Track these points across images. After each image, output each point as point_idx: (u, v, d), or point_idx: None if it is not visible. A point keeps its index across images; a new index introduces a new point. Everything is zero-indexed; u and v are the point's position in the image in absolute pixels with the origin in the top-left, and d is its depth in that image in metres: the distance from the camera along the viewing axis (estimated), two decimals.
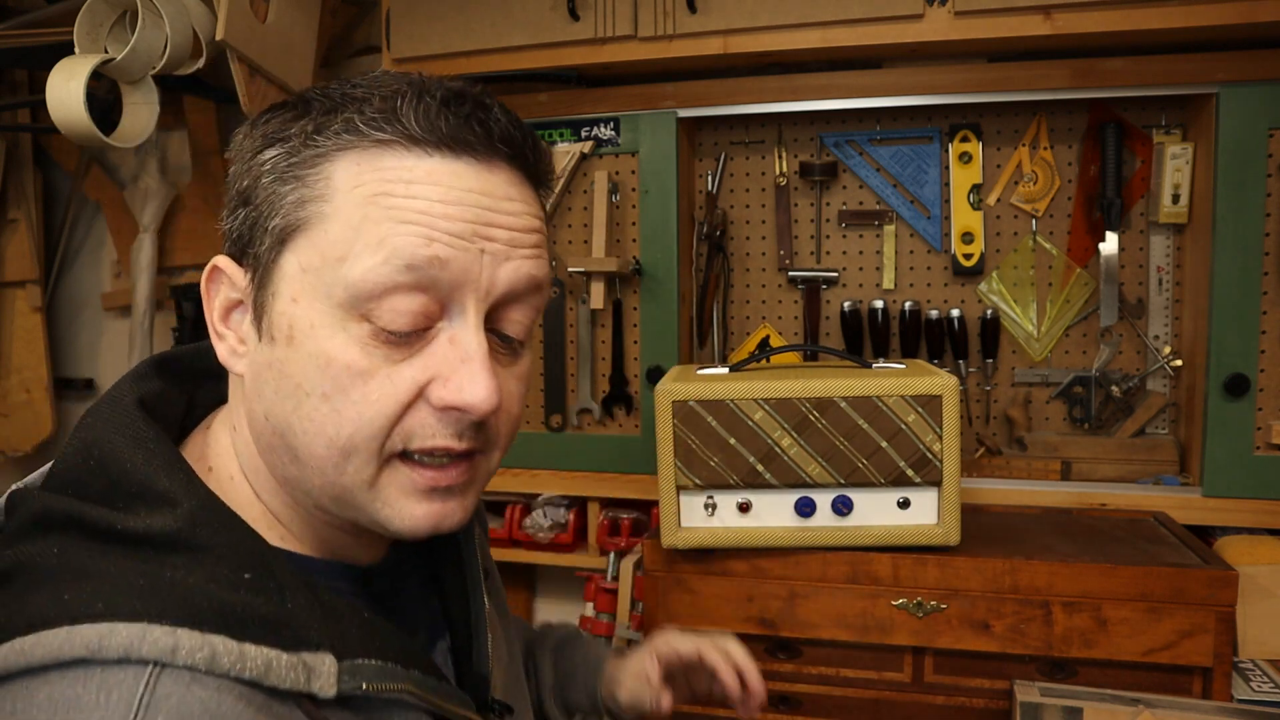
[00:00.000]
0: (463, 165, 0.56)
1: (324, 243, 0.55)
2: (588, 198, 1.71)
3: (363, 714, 0.54)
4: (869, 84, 1.59)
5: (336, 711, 0.53)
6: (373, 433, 0.55)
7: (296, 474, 0.58)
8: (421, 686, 0.57)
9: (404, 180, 0.54)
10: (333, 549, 0.63)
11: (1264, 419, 1.46)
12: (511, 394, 0.61)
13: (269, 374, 0.57)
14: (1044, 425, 1.66)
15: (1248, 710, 1.15)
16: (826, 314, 1.74)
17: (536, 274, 0.59)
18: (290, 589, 0.54)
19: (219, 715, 0.47)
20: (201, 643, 0.48)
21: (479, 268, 0.56)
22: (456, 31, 1.62)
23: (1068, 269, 1.64)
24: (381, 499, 0.57)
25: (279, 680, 0.50)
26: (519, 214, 0.58)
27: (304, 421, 0.56)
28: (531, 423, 1.77)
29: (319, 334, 0.55)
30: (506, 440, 0.63)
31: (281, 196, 0.56)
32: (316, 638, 0.52)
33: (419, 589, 0.72)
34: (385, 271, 0.53)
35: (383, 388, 0.55)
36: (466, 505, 0.60)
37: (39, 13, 1.79)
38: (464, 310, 0.56)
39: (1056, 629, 1.23)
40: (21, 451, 2.15)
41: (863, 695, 1.32)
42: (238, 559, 0.53)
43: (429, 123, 0.55)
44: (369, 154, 0.55)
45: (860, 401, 1.25)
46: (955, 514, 1.27)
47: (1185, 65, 1.45)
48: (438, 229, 0.54)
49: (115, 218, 2.15)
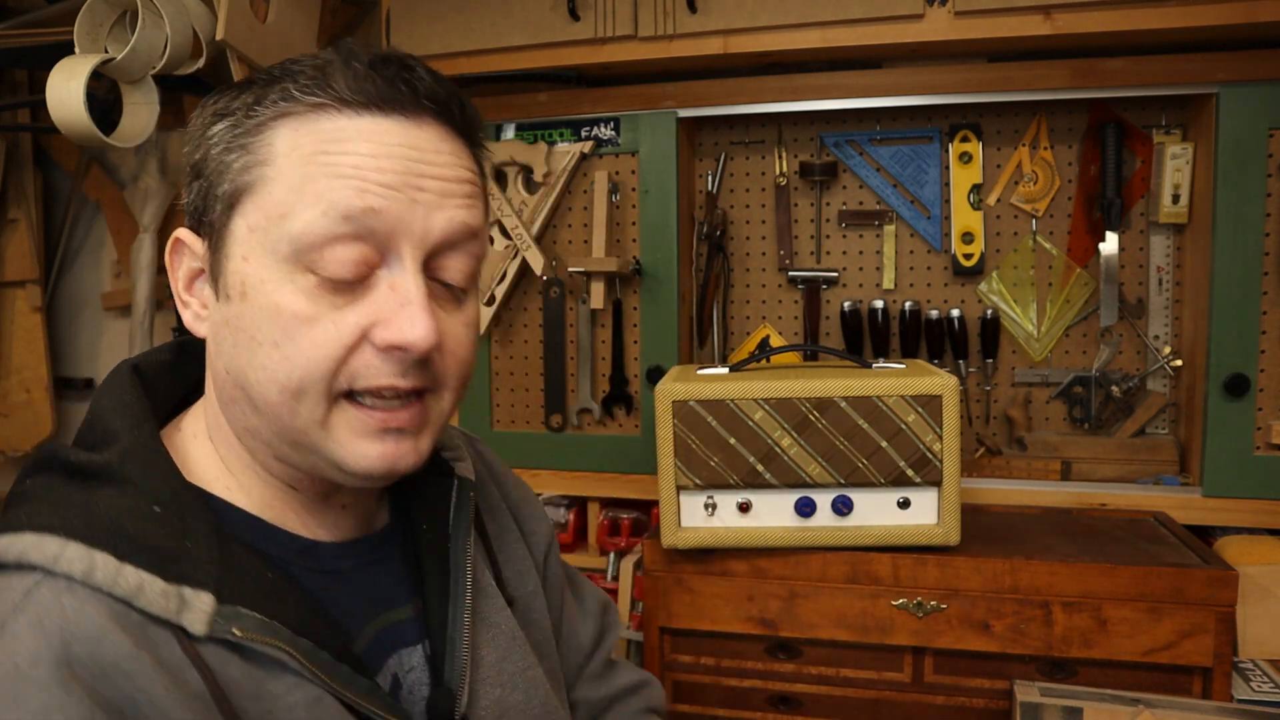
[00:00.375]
0: (391, 122, 0.60)
1: (268, 203, 0.59)
2: (588, 198, 1.71)
3: (244, 666, 0.56)
4: (869, 84, 1.59)
5: (216, 653, 0.55)
6: (320, 374, 0.59)
7: (256, 423, 0.62)
8: (313, 660, 0.58)
9: (337, 139, 0.59)
10: (282, 515, 0.66)
11: (1264, 419, 1.46)
12: (458, 338, 0.64)
13: (226, 331, 0.61)
14: (1044, 425, 1.66)
15: (1248, 710, 1.15)
16: (826, 314, 1.74)
17: (470, 221, 0.63)
18: (195, 530, 0.58)
19: (77, 622, 0.51)
20: (85, 555, 0.53)
21: (412, 216, 0.60)
22: (456, 31, 1.62)
23: (1068, 269, 1.64)
24: (335, 439, 0.60)
25: (148, 604, 0.53)
26: (449, 165, 0.62)
27: (258, 370, 0.59)
28: (531, 423, 1.77)
29: (268, 287, 0.59)
30: (457, 382, 0.65)
31: (228, 165, 0.60)
32: (202, 577, 0.56)
33: (392, 586, 0.71)
34: (324, 224, 0.58)
35: (328, 332, 0.58)
36: (420, 448, 0.63)
37: (39, 13, 1.79)
38: (401, 257, 0.60)
39: (1056, 629, 1.23)
40: (21, 451, 2.15)
41: (863, 695, 1.32)
42: (154, 495, 0.58)
43: (358, 85, 0.59)
44: (305, 119, 0.59)
45: (860, 401, 1.25)
46: (955, 514, 1.27)
47: (1185, 65, 1.45)
48: (370, 181, 0.58)
49: (115, 218, 2.15)
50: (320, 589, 0.66)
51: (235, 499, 0.65)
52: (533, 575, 0.83)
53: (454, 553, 0.73)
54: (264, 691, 0.57)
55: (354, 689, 0.60)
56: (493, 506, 0.84)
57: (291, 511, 0.67)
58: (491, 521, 0.83)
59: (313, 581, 0.65)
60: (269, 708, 0.57)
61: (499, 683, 0.72)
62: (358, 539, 0.70)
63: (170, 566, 0.55)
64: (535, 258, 1.69)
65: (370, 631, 0.68)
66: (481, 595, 0.75)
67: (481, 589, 0.75)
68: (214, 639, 0.55)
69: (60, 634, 0.51)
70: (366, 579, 0.69)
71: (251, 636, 0.56)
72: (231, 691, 0.55)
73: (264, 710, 0.56)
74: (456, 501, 0.76)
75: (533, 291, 1.76)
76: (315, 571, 0.66)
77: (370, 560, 0.71)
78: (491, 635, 0.74)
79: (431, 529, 0.74)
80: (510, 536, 0.83)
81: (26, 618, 0.51)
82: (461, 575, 0.72)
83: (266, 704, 0.57)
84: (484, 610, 0.74)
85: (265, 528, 0.65)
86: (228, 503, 0.64)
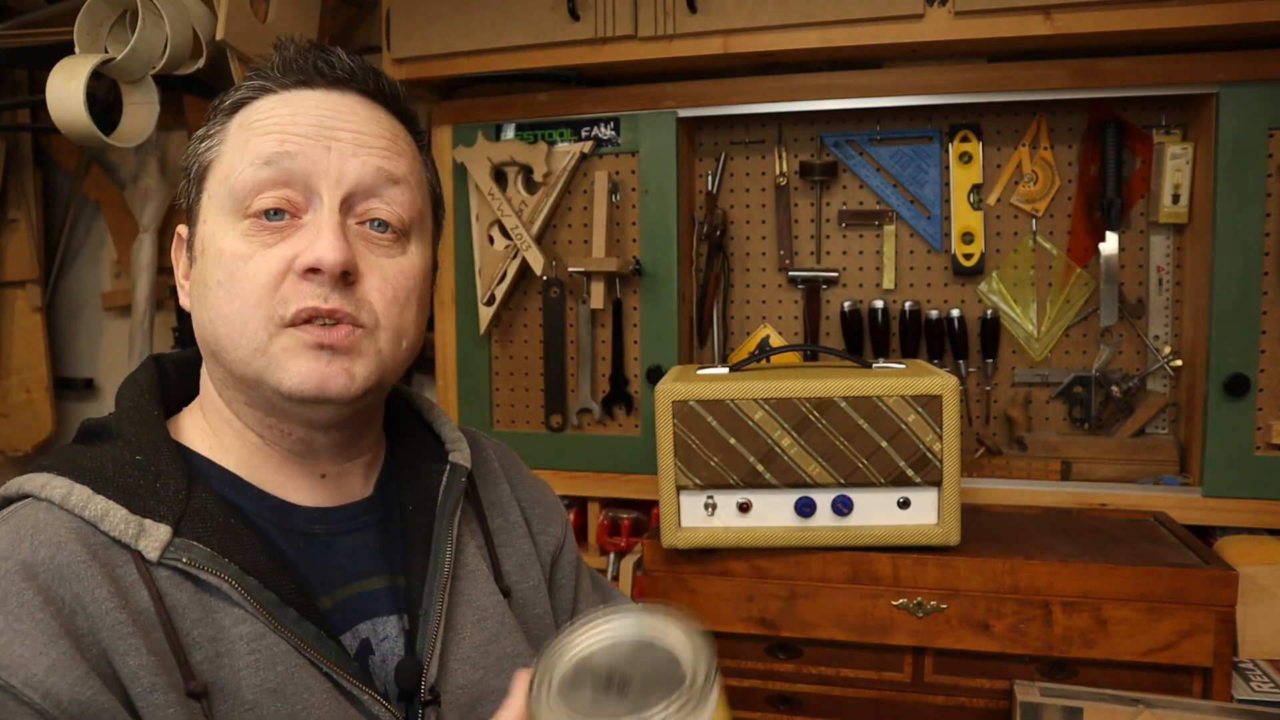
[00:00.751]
0: (313, 92, 0.71)
1: (220, 172, 0.70)
2: (588, 198, 1.71)
3: (195, 593, 0.64)
4: (869, 84, 1.59)
5: (170, 579, 0.63)
6: (255, 301, 0.66)
7: (221, 373, 0.71)
8: (257, 597, 0.64)
9: (267, 109, 0.70)
10: (259, 475, 0.73)
11: (1264, 419, 1.46)
12: (386, 277, 0.70)
13: (196, 289, 0.71)
14: (1044, 425, 1.66)
15: (1248, 710, 1.15)
16: (826, 314, 1.74)
17: (385, 166, 0.71)
18: (167, 476, 0.67)
19: (45, 532, 0.61)
20: (66, 485, 0.64)
21: (327, 161, 0.68)
22: (456, 31, 1.62)
23: (1068, 269, 1.64)
24: (274, 362, 0.67)
25: (111, 528, 0.63)
26: (365, 122, 0.71)
27: (211, 311, 0.68)
28: (531, 423, 1.77)
29: (218, 238, 0.69)
30: (397, 321, 0.71)
31: (200, 154, 0.72)
32: (164, 512, 0.65)
33: (368, 556, 0.74)
34: (251, 171, 0.67)
35: (259, 265, 0.67)
36: (353, 373, 0.68)
37: (39, 13, 1.79)
38: (320, 197, 0.68)
39: (1056, 629, 1.23)
40: (21, 451, 2.15)
41: (863, 695, 1.32)
42: (137, 446, 0.68)
43: (285, 68, 0.71)
44: (249, 105, 0.71)
45: (860, 401, 1.25)
46: (955, 514, 1.27)
47: (1185, 65, 1.45)
48: (288, 133, 0.68)
49: (115, 218, 2.15)
50: (289, 547, 0.71)
51: (216, 457, 0.72)
52: (535, 571, 0.84)
53: (437, 531, 0.76)
54: (211, 619, 0.64)
55: (301, 634, 0.65)
56: (500, 501, 0.86)
57: (269, 472, 0.73)
58: (498, 515, 0.85)
59: (282, 539, 0.71)
60: (214, 635, 0.63)
61: (482, 665, 0.74)
62: (333, 507, 0.75)
63: (136, 501, 0.65)
64: (535, 258, 1.69)
65: (341, 595, 0.71)
66: (468, 578, 0.77)
67: (469, 572, 0.77)
68: (167, 565, 0.63)
69: (30, 539, 0.61)
70: (339, 545, 0.73)
71: (198, 564, 0.63)
72: (178, 614, 0.63)
73: (210, 636, 0.63)
74: (446, 485, 0.79)
75: (533, 291, 1.76)
76: (286, 530, 0.71)
77: (346, 529, 0.74)
78: (477, 618, 0.76)
79: (418, 509, 0.77)
80: (516, 532, 0.85)
81: (7, 526, 0.63)
82: (442, 553, 0.75)
83: (212, 631, 0.63)
84: (468, 592, 0.76)
85: (240, 483, 0.72)
86: (209, 460, 0.72)
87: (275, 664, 0.64)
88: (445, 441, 0.83)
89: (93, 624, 0.59)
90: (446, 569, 0.74)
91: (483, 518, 0.83)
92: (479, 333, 1.76)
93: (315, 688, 0.65)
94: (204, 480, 0.69)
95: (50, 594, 0.59)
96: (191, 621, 0.63)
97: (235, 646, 0.63)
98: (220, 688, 0.62)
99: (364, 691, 0.67)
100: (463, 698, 0.73)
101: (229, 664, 0.63)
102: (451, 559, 0.75)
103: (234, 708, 0.62)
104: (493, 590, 0.78)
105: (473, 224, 1.74)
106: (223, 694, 0.62)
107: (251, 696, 0.63)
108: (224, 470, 0.72)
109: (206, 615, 0.63)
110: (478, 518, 0.83)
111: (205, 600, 0.64)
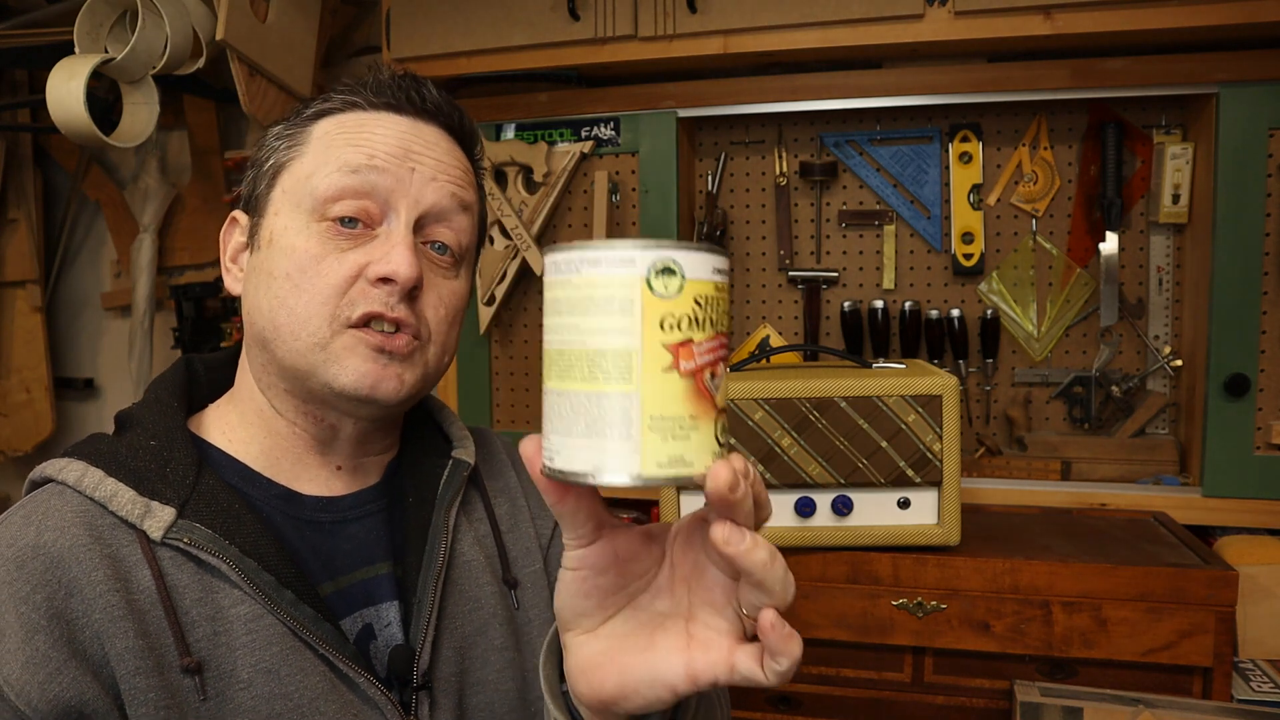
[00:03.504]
0: (402, 118, 0.75)
1: (299, 171, 0.73)
2: (588, 198, 1.71)
3: (196, 573, 0.66)
4: (869, 84, 1.59)
5: (173, 558, 0.66)
6: (324, 299, 0.70)
7: (267, 357, 0.73)
8: (254, 579, 0.66)
9: (357, 124, 0.74)
10: (274, 466, 0.75)
11: (1264, 419, 1.46)
12: (442, 298, 0.75)
13: (255, 276, 0.74)
14: (1044, 425, 1.66)
15: (1248, 710, 1.15)
16: (826, 314, 1.74)
17: (459, 194, 0.76)
18: (177, 461, 0.70)
19: (51, 516, 0.65)
20: (80, 468, 0.68)
21: (409, 181, 0.73)
22: (456, 31, 1.62)
23: (1068, 269, 1.64)
24: (331, 358, 0.70)
25: (119, 508, 0.66)
26: (445, 154, 0.76)
27: (273, 299, 0.71)
28: (532, 423, 1.77)
29: (290, 233, 0.72)
30: (444, 339, 0.76)
31: (276, 149, 0.75)
32: (171, 495, 0.68)
33: (371, 544, 0.76)
34: (336, 177, 0.71)
35: (332, 267, 0.70)
36: (403, 379, 0.72)
37: (39, 13, 1.79)
38: (397, 214, 0.72)
39: (1056, 629, 1.23)
40: (21, 451, 2.15)
41: (863, 695, 1.32)
42: (153, 433, 0.72)
43: (379, 89, 0.75)
44: (337, 115, 0.75)
45: (860, 401, 1.25)
46: (955, 514, 1.27)
47: (1185, 65, 1.45)
48: (377, 149, 0.72)
49: (115, 217, 2.15)
50: (294, 533, 0.73)
51: (233, 450, 0.75)
52: (537, 556, 0.86)
53: (434, 522, 0.78)
54: (211, 599, 0.66)
55: (298, 616, 0.67)
56: (508, 489, 0.88)
57: (287, 463, 0.76)
58: (505, 502, 0.87)
59: (288, 525, 0.73)
60: (213, 614, 0.66)
61: (470, 655, 0.76)
62: (340, 496, 0.77)
63: (145, 484, 0.68)
64: (535, 258, 1.69)
65: (345, 581, 0.74)
66: (463, 568, 0.78)
67: (465, 562, 0.79)
68: (169, 545, 0.66)
69: (39, 523, 0.64)
70: (344, 532, 0.76)
71: (198, 545, 0.66)
72: (177, 593, 0.65)
73: (208, 615, 0.65)
74: (446, 478, 0.81)
75: (533, 291, 1.76)
76: (292, 517, 0.74)
77: (351, 516, 0.77)
78: (470, 609, 0.77)
79: (418, 500, 0.79)
80: (521, 518, 0.87)
81: (23, 511, 0.66)
82: (437, 543, 0.77)
83: (210, 610, 0.66)
84: (463, 583, 0.78)
85: (250, 473, 0.75)
86: (223, 451, 0.75)
87: (270, 645, 0.66)
88: (452, 440, 0.86)
89: (86, 607, 0.62)
90: (441, 559, 0.76)
91: (489, 506, 0.85)
92: (479, 333, 1.76)
93: (310, 669, 0.67)
94: (214, 468, 0.72)
95: (43, 579, 0.62)
96: (191, 600, 0.65)
97: (233, 626, 0.66)
98: (216, 665, 0.65)
99: (359, 674, 0.68)
100: (453, 685, 0.74)
101: (226, 643, 0.65)
102: (446, 549, 0.77)
103: (229, 685, 0.64)
104: (488, 581, 0.79)
105: None
106: (218, 672, 0.64)
107: (247, 675, 0.65)
108: (236, 461, 0.75)
109: (206, 595, 0.66)
110: (484, 507, 0.84)
111: (206, 580, 0.66)
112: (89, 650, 0.61)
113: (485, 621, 0.78)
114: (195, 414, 0.79)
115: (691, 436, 0.46)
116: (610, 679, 0.54)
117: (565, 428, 0.47)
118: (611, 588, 0.54)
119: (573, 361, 0.47)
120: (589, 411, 0.46)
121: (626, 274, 0.46)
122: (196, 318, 2.02)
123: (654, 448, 0.46)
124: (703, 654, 0.52)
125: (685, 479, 0.47)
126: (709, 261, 0.47)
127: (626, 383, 0.46)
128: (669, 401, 0.46)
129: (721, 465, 0.46)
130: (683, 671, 0.52)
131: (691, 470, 0.46)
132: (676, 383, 0.46)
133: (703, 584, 0.53)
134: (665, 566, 0.55)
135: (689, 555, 0.54)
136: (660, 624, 0.54)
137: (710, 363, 0.47)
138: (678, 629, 0.54)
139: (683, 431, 0.46)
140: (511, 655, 0.79)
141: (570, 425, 0.47)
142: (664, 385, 0.46)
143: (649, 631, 0.54)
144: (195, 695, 0.63)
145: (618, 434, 0.46)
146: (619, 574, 0.54)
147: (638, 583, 0.55)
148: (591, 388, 0.46)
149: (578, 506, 0.52)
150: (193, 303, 2.01)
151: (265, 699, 0.65)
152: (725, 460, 0.47)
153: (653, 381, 0.46)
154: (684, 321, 0.46)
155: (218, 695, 0.64)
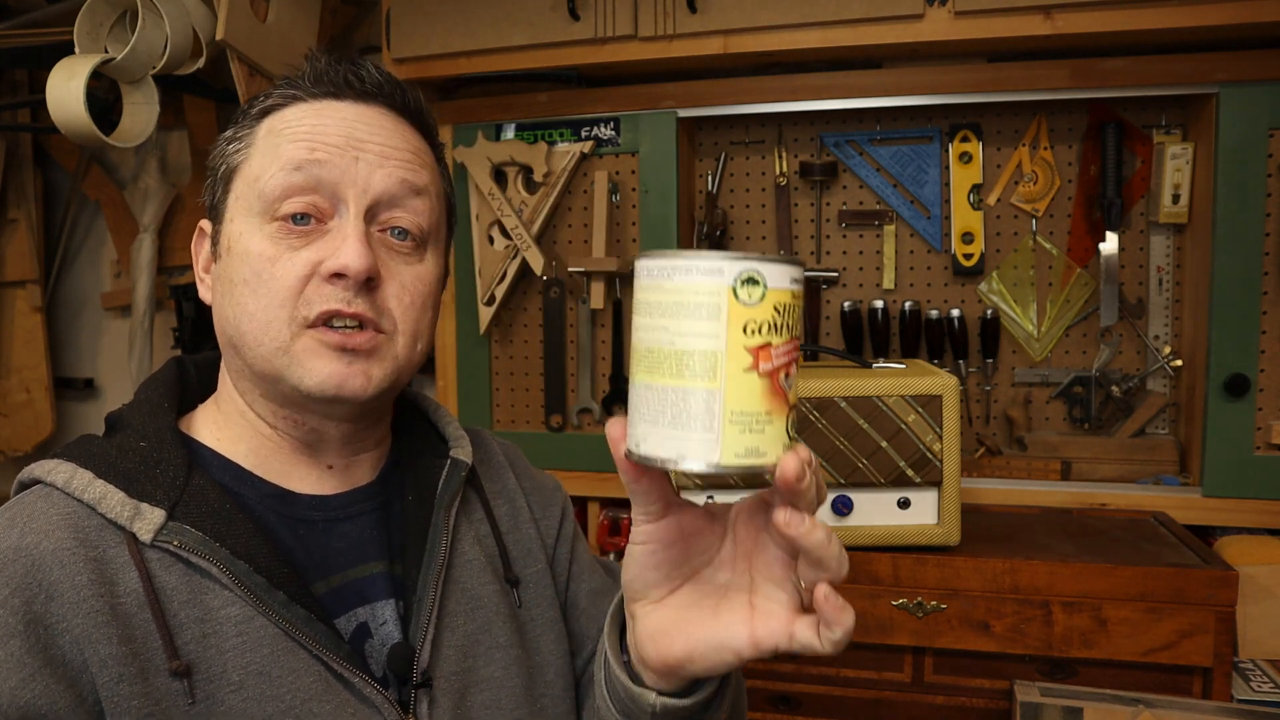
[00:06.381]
0: (343, 104, 0.73)
1: (249, 174, 0.72)
2: (588, 198, 1.71)
3: (185, 575, 0.65)
4: (869, 84, 1.59)
5: (161, 560, 0.65)
6: (280, 302, 0.69)
7: (240, 363, 0.72)
8: (245, 582, 0.66)
9: (298, 118, 0.72)
10: (264, 465, 0.75)
11: (1264, 419, 1.46)
12: (405, 284, 0.73)
13: (220, 284, 0.73)
14: (1044, 425, 1.66)
15: (1248, 710, 1.15)
16: (826, 314, 1.74)
17: (409, 178, 0.73)
18: (167, 463, 0.69)
19: (36, 518, 0.64)
20: (70, 469, 0.67)
21: (355, 171, 0.71)
22: (456, 31, 1.62)
23: (1068, 269, 1.64)
24: (295, 360, 0.69)
25: (108, 510, 0.65)
26: (391, 136, 0.74)
27: (236, 307, 0.70)
28: (532, 423, 1.77)
29: (245, 238, 0.71)
30: (414, 326, 0.74)
31: (228, 154, 0.75)
32: (161, 497, 0.67)
33: (366, 543, 0.76)
34: (281, 176, 0.70)
35: (285, 267, 0.69)
36: (370, 375, 0.71)
37: (39, 13, 1.79)
38: (346, 205, 0.71)
39: (1056, 629, 1.23)
40: (21, 452, 2.15)
41: (863, 695, 1.32)
42: (143, 434, 0.71)
43: (316, 78, 0.74)
44: (279, 111, 0.74)
45: (860, 401, 1.25)
46: (955, 514, 1.27)
47: (1185, 65, 1.45)
48: (318, 141, 0.71)
49: (115, 217, 2.15)
50: (287, 533, 0.73)
51: (223, 449, 0.74)
52: (540, 556, 0.86)
53: (434, 521, 0.78)
54: (200, 601, 0.65)
55: (289, 617, 0.66)
56: (506, 490, 0.88)
57: (277, 463, 0.75)
58: (504, 503, 0.87)
59: (281, 525, 0.73)
60: (202, 616, 0.65)
61: (474, 653, 0.76)
62: (332, 495, 0.76)
63: (135, 486, 0.67)
64: (535, 258, 1.69)
65: (338, 580, 0.73)
66: (464, 566, 0.78)
67: (465, 561, 0.79)
68: (159, 548, 0.65)
69: (23, 526, 0.63)
70: (337, 531, 0.75)
71: (187, 548, 0.65)
72: (165, 595, 0.64)
73: (197, 618, 0.65)
74: (445, 478, 0.81)
75: (533, 291, 1.76)
76: (285, 517, 0.73)
77: (344, 515, 0.76)
78: (470, 606, 0.77)
79: (417, 500, 0.79)
80: (521, 518, 0.87)
81: (9, 513, 0.65)
82: (437, 542, 0.77)
83: (199, 612, 0.65)
84: (464, 581, 0.78)
85: (242, 473, 0.74)
86: (214, 451, 0.74)
87: (262, 646, 0.65)
88: (448, 439, 0.85)
89: (67, 611, 0.61)
90: (441, 557, 0.76)
91: (488, 507, 0.84)
92: (479, 333, 1.76)
93: (303, 670, 0.66)
94: (205, 469, 0.72)
95: (23, 582, 0.61)
96: (179, 603, 0.65)
97: (223, 628, 0.65)
98: (205, 668, 0.64)
99: (355, 674, 0.68)
100: (454, 683, 0.74)
101: (216, 645, 0.64)
102: (447, 548, 0.77)
103: (219, 688, 0.64)
104: (489, 580, 0.79)
105: (473, 224, 1.74)
106: (208, 674, 0.64)
107: (237, 677, 0.64)
108: (227, 461, 0.74)
109: (194, 597, 0.65)
110: (483, 507, 0.84)
111: (195, 582, 0.66)
112: (67, 656, 0.60)
113: (488, 619, 0.78)
114: (186, 414, 0.78)
115: (766, 430, 0.52)
116: (678, 644, 0.59)
117: (652, 418, 0.52)
118: (677, 560, 0.60)
119: (662, 359, 0.52)
120: (675, 405, 0.51)
121: (715, 283, 0.50)
122: (196, 318, 2.02)
123: (733, 439, 0.51)
124: (764, 623, 0.57)
125: (759, 468, 0.52)
126: (788, 272, 0.52)
127: (712, 380, 0.51)
128: (748, 399, 0.51)
129: (790, 457, 0.51)
130: (746, 639, 0.57)
131: (765, 460, 0.52)
132: (755, 382, 0.51)
133: (763, 560, 0.58)
134: (727, 543, 0.60)
135: (750, 533, 0.59)
136: (724, 595, 0.59)
137: (785, 364, 0.53)
138: (741, 600, 0.59)
139: (759, 425, 0.51)
140: (516, 652, 0.79)
141: (657, 416, 0.52)
142: (744, 384, 0.51)
143: (714, 602, 0.59)
144: (184, 699, 0.62)
145: (701, 425, 0.51)
146: (684, 548, 0.60)
147: (700, 557, 0.60)
148: (679, 383, 0.51)
149: (650, 486, 0.57)
150: (193, 303, 2.01)
151: (256, 701, 0.64)
152: (794, 452, 0.52)
153: (735, 380, 0.51)
154: (764, 327, 0.51)
155: (207, 698, 0.63)
